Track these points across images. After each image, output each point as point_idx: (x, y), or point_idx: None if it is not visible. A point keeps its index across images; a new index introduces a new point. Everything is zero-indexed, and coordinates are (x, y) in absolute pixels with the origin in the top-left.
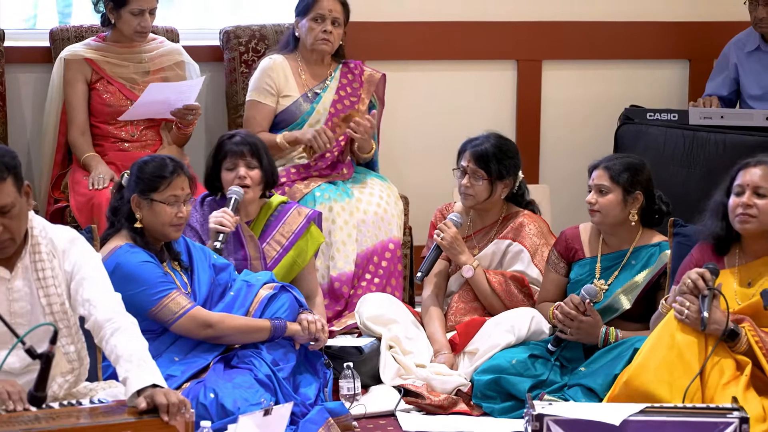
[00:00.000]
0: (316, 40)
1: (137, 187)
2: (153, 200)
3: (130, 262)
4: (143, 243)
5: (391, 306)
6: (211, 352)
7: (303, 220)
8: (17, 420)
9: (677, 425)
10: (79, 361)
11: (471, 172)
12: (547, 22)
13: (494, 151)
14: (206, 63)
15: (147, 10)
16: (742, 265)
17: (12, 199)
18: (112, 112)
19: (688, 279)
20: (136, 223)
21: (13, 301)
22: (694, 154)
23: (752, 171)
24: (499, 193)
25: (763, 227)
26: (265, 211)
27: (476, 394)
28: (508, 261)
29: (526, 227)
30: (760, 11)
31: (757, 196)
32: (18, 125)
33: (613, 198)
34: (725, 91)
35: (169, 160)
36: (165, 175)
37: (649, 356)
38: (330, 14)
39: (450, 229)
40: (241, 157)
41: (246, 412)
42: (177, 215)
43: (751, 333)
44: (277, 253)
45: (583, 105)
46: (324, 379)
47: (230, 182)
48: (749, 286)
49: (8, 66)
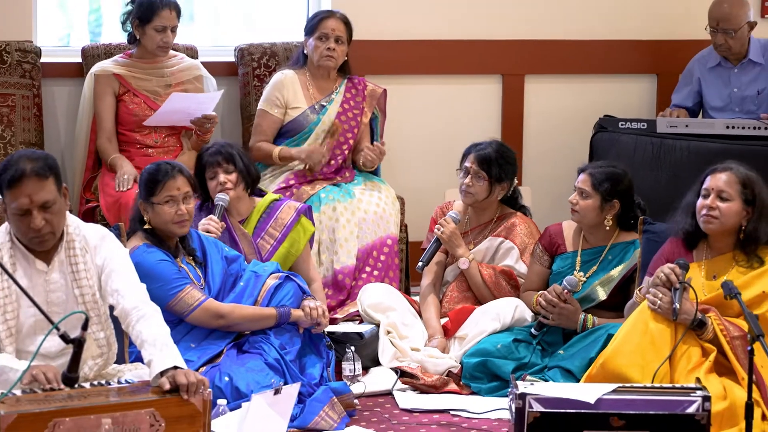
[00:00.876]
0: (321, 57)
1: (142, 193)
2: (154, 203)
3: (147, 261)
4: (157, 242)
5: (389, 295)
6: (223, 339)
7: (294, 213)
8: (53, 398)
9: (647, 403)
10: (108, 346)
11: (473, 172)
12: (529, 40)
13: (496, 156)
14: (222, 77)
15: (169, 27)
16: (708, 259)
17: (53, 196)
18: (138, 121)
19: (662, 273)
20: (146, 225)
21: (49, 291)
22: (661, 159)
23: (718, 176)
24: (496, 194)
25: (724, 227)
26: (258, 210)
27: (465, 375)
28: (500, 256)
29: (518, 227)
30: (718, 38)
31: (721, 199)
32: (53, 133)
33: (591, 203)
34: (689, 103)
35: (164, 165)
36: (159, 179)
37: (624, 341)
38: (333, 33)
39: (449, 225)
40: (218, 165)
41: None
42: (177, 213)
43: (717, 322)
44: (271, 246)
45: (562, 115)
46: (327, 359)
47: (214, 190)
48: (714, 279)
49: (44, 80)
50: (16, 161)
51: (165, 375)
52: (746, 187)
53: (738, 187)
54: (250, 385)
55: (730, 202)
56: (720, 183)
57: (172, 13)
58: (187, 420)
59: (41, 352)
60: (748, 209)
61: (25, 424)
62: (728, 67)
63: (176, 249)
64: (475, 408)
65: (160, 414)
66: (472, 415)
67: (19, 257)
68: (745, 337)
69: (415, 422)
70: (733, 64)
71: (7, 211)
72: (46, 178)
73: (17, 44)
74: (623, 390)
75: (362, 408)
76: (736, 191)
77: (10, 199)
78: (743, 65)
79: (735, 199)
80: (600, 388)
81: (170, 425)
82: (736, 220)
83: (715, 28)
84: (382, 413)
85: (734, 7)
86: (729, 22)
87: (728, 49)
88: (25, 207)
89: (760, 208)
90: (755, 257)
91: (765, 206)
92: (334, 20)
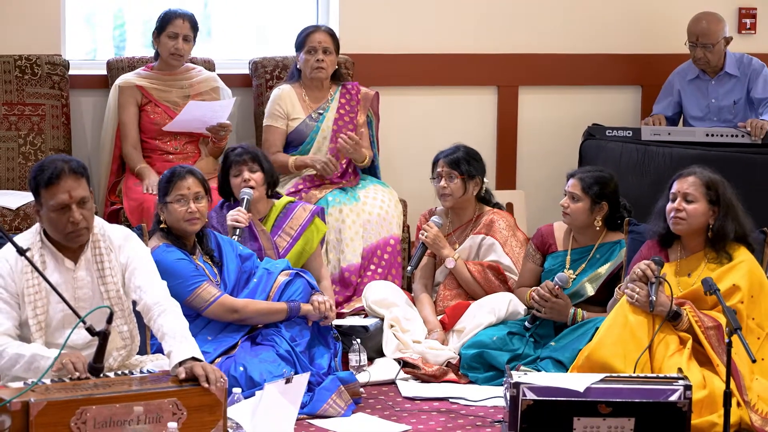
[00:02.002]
0: (312, 69)
1: (159, 196)
2: (167, 202)
3: (167, 260)
4: (175, 241)
5: (392, 292)
6: (238, 332)
7: (308, 214)
8: (80, 387)
9: (632, 391)
10: (131, 339)
11: (446, 174)
12: (522, 54)
13: (463, 155)
14: (237, 88)
15: (181, 35)
16: (682, 259)
17: (88, 193)
18: (159, 130)
19: (638, 269)
20: (162, 224)
21: (77, 288)
22: (645, 165)
23: (683, 180)
24: (471, 190)
25: (692, 228)
26: (275, 210)
27: (463, 366)
28: (483, 252)
29: (496, 223)
30: (697, 51)
31: (686, 201)
32: (80, 140)
33: (582, 206)
34: (670, 112)
35: (178, 167)
36: (171, 180)
37: (606, 334)
38: (320, 45)
39: (432, 229)
40: (244, 164)
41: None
42: (187, 211)
43: (692, 314)
44: (288, 243)
45: (553, 123)
46: (334, 349)
47: (238, 186)
48: (689, 276)
49: (72, 91)
50: (51, 162)
51: (183, 365)
52: (710, 188)
53: (702, 189)
54: (263, 375)
55: (695, 203)
56: (685, 186)
57: (184, 23)
58: (207, 409)
59: (69, 344)
60: (714, 209)
61: (54, 411)
62: (706, 80)
63: (193, 248)
64: (473, 396)
65: (183, 403)
66: (469, 403)
67: (49, 256)
68: (718, 327)
69: (417, 409)
70: (711, 76)
71: (40, 211)
72: (82, 176)
73: (47, 58)
74: (610, 379)
75: (367, 396)
76: (700, 193)
77: (49, 196)
78: (720, 77)
79: (700, 201)
80: (589, 377)
81: (192, 414)
82: (703, 220)
83: (695, 42)
84: (386, 401)
85: (712, 24)
86: (707, 37)
87: (707, 62)
88: (65, 202)
89: (725, 208)
90: (724, 253)
91: (729, 205)
92: (319, 33)
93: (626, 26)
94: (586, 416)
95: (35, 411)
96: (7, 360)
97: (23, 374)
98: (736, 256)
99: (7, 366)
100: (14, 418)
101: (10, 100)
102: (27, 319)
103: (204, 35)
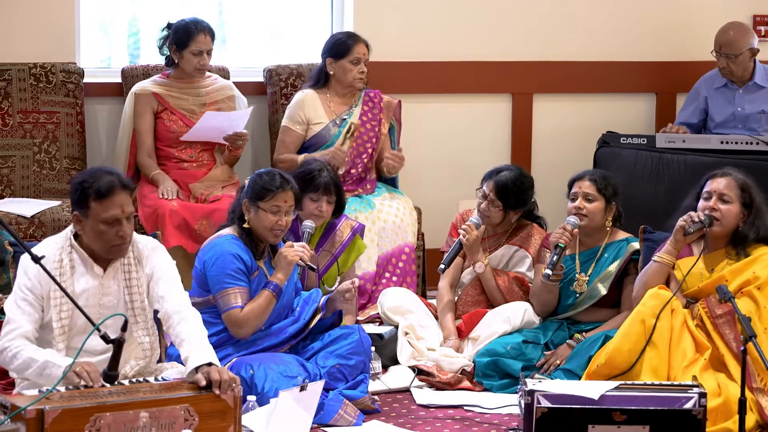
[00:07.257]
0: (355, 80)
1: (249, 194)
2: (259, 207)
3: (224, 248)
4: (247, 240)
5: (407, 299)
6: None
7: (350, 232)
8: (93, 394)
9: (647, 399)
10: (152, 351)
11: (490, 200)
12: (537, 61)
13: (512, 186)
14: (252, 96)
15: (205, 50)
16: (705, 254)
17: (133, 208)
18: (175, 137)
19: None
20: (245, 223)
21: (103, 295)
22: (660, 173)
23: (719, 180)
24: (510, 218)
25: (725, 230)
26: (320, 227)
27: (478, 374)
28: (513, 263)
29: (533, 237)
30: (721, 61)
31: (722, 201)
32: (95, 148)
33: (598, 205)
34: (695, 119)
35: (279, 176)
36: (272, 189)
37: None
38: (363, 57)
39: (473, 231)
40: (327, 193)
41: (284, 387)
42: (277, 223)
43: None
44: (327, 261)
45: (568, 131)
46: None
47: (311, 210)
48: (712, 272)
49: (87, 99)
50: (100, 176)
51: (200, 370)
52: (744, 191)
53: (737, 191)
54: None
55: (730, 204)
56: (721, 186)
57: (207, 38)
58: (219, 415)
59: (87, 350)
60: (745, 212)
61: (68, 419)
62: (733, 89)
63: (262, 252)
64: (487, 404)
65: (195, 409)
66: (484, 411)
67: (78, 261)
68: (730, 313)
69: (432, 417)
70: (738, 86)
71: (82, 221)
72: (131, 191)
73: (61, 66)
74: (625, 387)
75: (382, 404)
76: (735, 195)
77: (102, 209)
78: (748, 87)
79: (735, 202)
80: (603, 385)
81: (203, 420)
82: (735, 222)
83: (719, 51)
84: (401, 408)
85: (737, 34)
86: (730, 47)
87: (730, 72)
88: (117, 216)
89: (756, 212)
90: (743, 252)
91: (759, 210)
92: (363, 45)
93: (641, 34)
94: (601, 424)
95: (50, 419)
96: (21, 362)
97: (35, 379)
98: (754, 254)
99: (20, 368)
100: (29, 426)
101: (25, 108)
102: (50, 321)
103: (219, 42)
